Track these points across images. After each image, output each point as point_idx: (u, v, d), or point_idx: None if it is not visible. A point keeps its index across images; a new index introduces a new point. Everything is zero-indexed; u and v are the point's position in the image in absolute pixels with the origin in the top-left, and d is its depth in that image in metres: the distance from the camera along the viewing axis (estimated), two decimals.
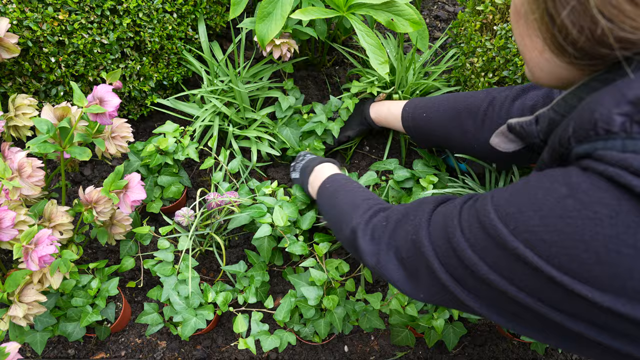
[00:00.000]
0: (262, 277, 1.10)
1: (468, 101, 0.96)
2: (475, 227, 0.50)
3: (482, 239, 0.48)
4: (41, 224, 0.93)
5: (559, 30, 0.43)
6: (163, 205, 1.20)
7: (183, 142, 1.16)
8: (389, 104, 1.19)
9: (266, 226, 1.03)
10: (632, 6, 0.37)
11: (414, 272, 0.61)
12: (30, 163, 0.87)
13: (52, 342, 1.15)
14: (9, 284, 0.83)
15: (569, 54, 0.44)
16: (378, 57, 1.07)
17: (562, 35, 0.43)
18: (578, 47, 0.42)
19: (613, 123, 0.39)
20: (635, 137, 0.37)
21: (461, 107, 0.97)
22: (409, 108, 1.10)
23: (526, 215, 0.44)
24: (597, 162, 0.40)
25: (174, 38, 1.23)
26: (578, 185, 0.40)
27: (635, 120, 0.37)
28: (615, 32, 0.39)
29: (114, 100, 0.87)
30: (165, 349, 1.16)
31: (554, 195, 0.42)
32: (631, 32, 0.38)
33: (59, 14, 1.02)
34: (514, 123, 0.65)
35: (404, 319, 1.01)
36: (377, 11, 1.07)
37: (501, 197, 0.48)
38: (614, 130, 0.39)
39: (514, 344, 1.19)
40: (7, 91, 1.11)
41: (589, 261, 0.39)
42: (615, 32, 0.39)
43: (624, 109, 0.38)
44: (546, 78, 0.51)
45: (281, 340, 1.01)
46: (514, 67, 1.03)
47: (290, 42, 1.17)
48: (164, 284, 1.04)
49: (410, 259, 0.61)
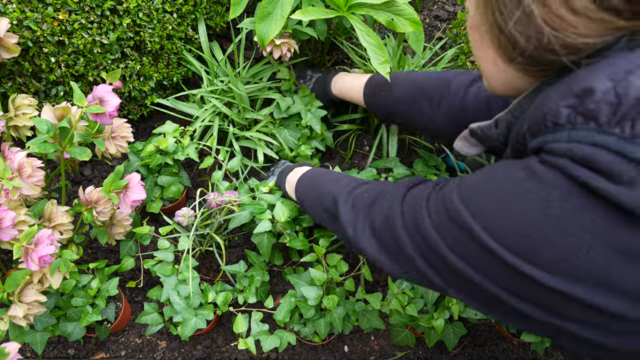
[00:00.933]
0: (262, 277, 1.10)
1: (425, 84, 1.00)
2: (440, 209, 0.52)
3: (445, 221, 0.50)
4: (41, 224, 0.93)
5: (507, 40, 0.45)
6: (163, 205, 1.20)
7: (183, 142, 1.16)
8: (351, 78, 1.21)
9: (266, 222, 1.03)
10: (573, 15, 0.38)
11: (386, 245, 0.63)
12: (30, 163, 0.87)
13: (52, 342, 1.15)
14: (9, 284, 0.83)
15: (519, 62, 0.46)
16: (379, 56, 1.06)
17: (511, 45, 0.45)
18: (527, 56, 0.44)
19: (560, 115, 0.40)
20: (578, 128, 0.38)
21: (418, 90, 1.01)
22: (370, 86, 1.13)
23: (485, 198, 0.46)
24: (547, 155, 0.41)
25: (174, 38, 1.23)
26: (533, 168, 0.42)
27: (579, 112, 0.39)
28: (561, 39, 0.40)
29: (114, 100, 0.87)
30: (165, 349, 1.16)
31: (512, 179, 0.44)
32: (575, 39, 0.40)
33: (59, 14, 1.02)
34: (475, 127, 0.67)
35: (404, 319, 1.01)
36: (377, 11, 1.07)
37: (467, 181, 0.50)
38: (560, 123, 0.40)
39: (514, 344, 1.19)
40: (7, 91, 1.11)
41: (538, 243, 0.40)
42: (560, 40, 0.40)
43: (569, 102, 0.40)
44: (501, 88, 0.54)
45: (281, 340, 1.01)
46: None
47: (290, 42, 1.17)
48: (164, 284, 1.04)
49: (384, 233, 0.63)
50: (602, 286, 0.38)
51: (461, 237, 0.47)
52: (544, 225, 0.40)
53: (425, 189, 0.58)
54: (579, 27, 0.39)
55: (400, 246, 0.58)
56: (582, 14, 0.38)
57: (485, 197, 0.46)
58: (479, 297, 0.49)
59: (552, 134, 0.41)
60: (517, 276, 0.42)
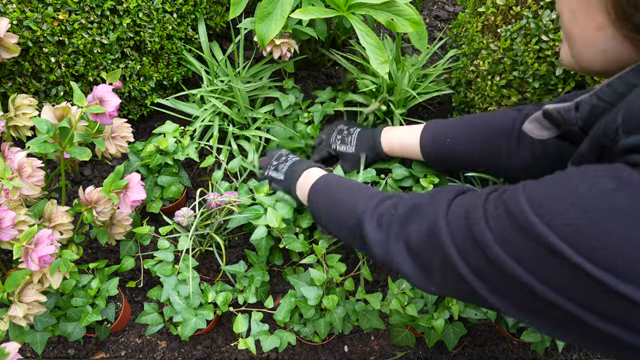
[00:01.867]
0: (262, 277, 1.10)
1: (498, 119, 0.89)
2: (503, 219, 0.46)
3: (511, 232, 0.45)
4: (41, 224, 0.93)
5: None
6: (163, 205, 1.20)
7: (183, 142, 1.16)
8: (401, 134, 1.08)
9: (262, 228, 1.03)
10: None
11: (426, 264, 0.58)
12: (30, 163, 0.87)
13: (52, 342, 1.15)
14: (9, 284, 0.83)
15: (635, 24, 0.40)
16: (378, 56, 1.06)
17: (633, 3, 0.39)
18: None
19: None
20: None
21: (491, 126, 0.89)
22: (428, 135, 1.01)
23: (564, 208, 0.40)
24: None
25: (174, 38, 1.23)
26: (629, 178, 0.37)
27: None
28: None
29: (114, 100, 0.87)
30: (165, 349, 1.16)
31: (598, 189, 0.38)
32: None
33: (59, 14, 1.02)
34: (551, 109, 0.61)
35: (404, 319, 1.01)
36: (377, 11, 1.07)
37: (535, 188, 0.45)
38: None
39: (514, 344, 1.19)
40: (7, 91, 1.11)
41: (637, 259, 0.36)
42: None
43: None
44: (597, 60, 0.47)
45: (281, 340, 1.01)
46: (524, 66, 0.99)
47: (290, 42, 1.17)
48: (164, 284, 1.04)
49: (424, 250, 0.58)
50: None
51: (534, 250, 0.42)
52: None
53: (478, 197, 0.53)
54: None
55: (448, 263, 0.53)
56: None
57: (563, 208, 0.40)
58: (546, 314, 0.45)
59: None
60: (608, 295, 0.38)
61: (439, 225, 0.55)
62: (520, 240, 0.44)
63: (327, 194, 0.90)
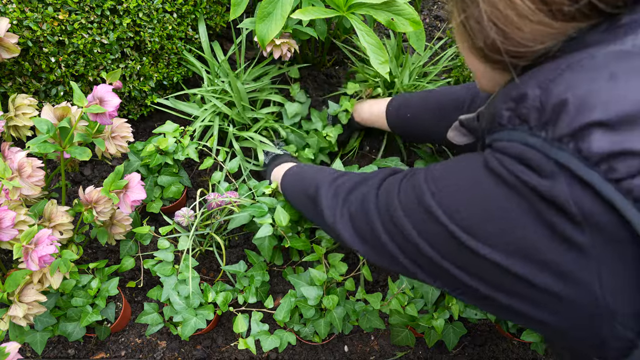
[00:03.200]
0: (262, 277, 1.10)
1: (453, 96, 1.00)
2: (409, 191, 0.56)
3: (411, 201, 0.55)
4: (41, 224, 0.93)
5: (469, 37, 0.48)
6: (163, 205, 1.20)
7: (183, 142, 1.16)
8: (369, 105, 1.21)
9: (267, 226, 1.03)
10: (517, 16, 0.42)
11: (361, 230, 0.65)
12: (30, 163, 0.87)
13: (52, 342, 1.15)
14: (9, 284, 0.83)
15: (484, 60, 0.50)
16: (378, 56, 1.06)
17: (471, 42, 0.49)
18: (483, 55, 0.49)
19: (502, 117, 0.46)
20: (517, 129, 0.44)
21: (446, 103, 1.00)
22: (392, 109, 1.13)
23: (444, 181, 0.51)
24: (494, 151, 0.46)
25: (174, 38, 1.23)
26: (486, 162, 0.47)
27: (516, 114, 0.44)
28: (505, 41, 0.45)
29: (114, 100, 0.87)
30: (165, 348, 1.16)
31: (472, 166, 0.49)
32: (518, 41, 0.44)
33: (59, 14, 1.02)
34: (463, 119, 0.70)
35: (404, 319, 1.01)
36: (377, 11, 1.07)
37: (434, 167, 0.55)
38: (503, 123, 0.46)
39: (514, 344, 1.19)
40: (7, 91, 1.11)
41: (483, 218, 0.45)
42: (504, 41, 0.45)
43: (509, 105, 0.45)
44: (488, 85, 0.57)
45: (281, 340, 1.01)
46: None
47: (291, 42, 1.17)
48: (164, 284, 1.04)
49: (359, 218, 0.66)
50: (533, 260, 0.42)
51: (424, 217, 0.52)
52: (489, 204, 0.45)
53: (398, 176, 0.62)
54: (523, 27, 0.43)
55: (373, 229, 0.61)
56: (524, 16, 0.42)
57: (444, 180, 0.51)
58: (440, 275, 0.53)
59: (498, 132, 0.47)
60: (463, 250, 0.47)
61: (369, 197, 0.65)
62: (415, 207, 0.54)
63: (299, 174, 1.00)
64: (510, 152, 0.44)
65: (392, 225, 0.58)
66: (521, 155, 0.42)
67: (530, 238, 0.42)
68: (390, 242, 0.58)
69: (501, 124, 0.46)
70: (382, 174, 0.68)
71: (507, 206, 0.43)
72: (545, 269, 0.42)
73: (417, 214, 0.53)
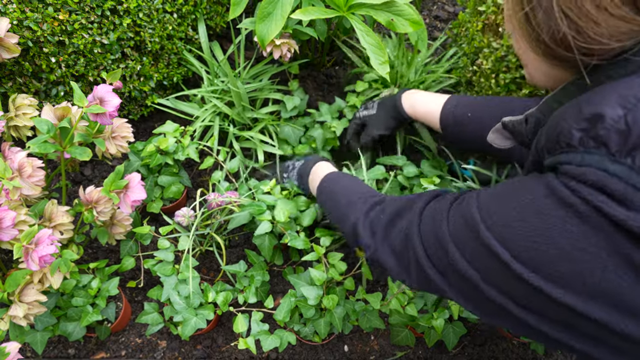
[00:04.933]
0: (262, 276, 1.10)
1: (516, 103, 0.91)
2: (459, 221, 0.52)
3: (463, 233, 0.50)
4: (41, 224, 0.93)
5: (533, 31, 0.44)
6: (163, 205, 1.20)
7: (183, 142, 1.16)
8: (425, 97, 1.08)
9: (266, 223, 1.03)
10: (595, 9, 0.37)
11: (405, 263, 0.64)
12: (30, 163, 0.87)
13: (53, 341, 1.15)
14: (9, 284, 0.83)
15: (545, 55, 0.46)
16: (378, 56, 1.07)
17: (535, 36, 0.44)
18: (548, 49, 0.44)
19: (572, 138, 0.41)
20: (591, 152, 0.39)
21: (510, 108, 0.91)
22: (451, 104, 1.01)
23: (502, 213, 0.46)
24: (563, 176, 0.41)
25: (174, 38, 1.23)
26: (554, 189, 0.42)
27: (591, 136, 0.39)
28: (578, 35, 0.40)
29: (114, 100, 0.87)
30: (165, 348, 1.16)
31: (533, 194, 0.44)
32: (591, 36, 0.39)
33: (59, 14, 1.02)
34: (507, 121, 0.66)
35: (404, 319, 1.02)
36: (377, 11, 1.07)
37: (485, 194, 0.51)
38: (573, 144, 0.41)
39: (513, 343, 1.19)
40: (8, 91, 1.11)
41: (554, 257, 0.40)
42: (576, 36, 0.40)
43: (581, 125, 0.40)
44: (542, 79, 0.53)
45: (281, 340, 1.01)
46: None
47: (290, 42, 1.17)
48: (164, 284, 1.04)
49: (402, 251, 0.64)
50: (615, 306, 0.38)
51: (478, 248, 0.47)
52: (559, 240, 0.40)
53: (446, 201, 0.59)
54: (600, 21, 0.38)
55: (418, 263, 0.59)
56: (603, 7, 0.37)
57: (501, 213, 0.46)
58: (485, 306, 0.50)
59: (565, 154, 0.41)
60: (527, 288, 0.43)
61: (412, 230, 0.62)
62: (468, 240, 0.49)
63: (329, 199, 0.96)
64: (587, 179, 0.38)
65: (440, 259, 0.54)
66: (601, 183, 0.37)
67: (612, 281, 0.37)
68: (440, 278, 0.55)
69: (571, 144, 0.41)
70: (422, 202, 0.65)
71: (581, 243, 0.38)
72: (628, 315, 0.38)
73: (471, 248, 0.49)
